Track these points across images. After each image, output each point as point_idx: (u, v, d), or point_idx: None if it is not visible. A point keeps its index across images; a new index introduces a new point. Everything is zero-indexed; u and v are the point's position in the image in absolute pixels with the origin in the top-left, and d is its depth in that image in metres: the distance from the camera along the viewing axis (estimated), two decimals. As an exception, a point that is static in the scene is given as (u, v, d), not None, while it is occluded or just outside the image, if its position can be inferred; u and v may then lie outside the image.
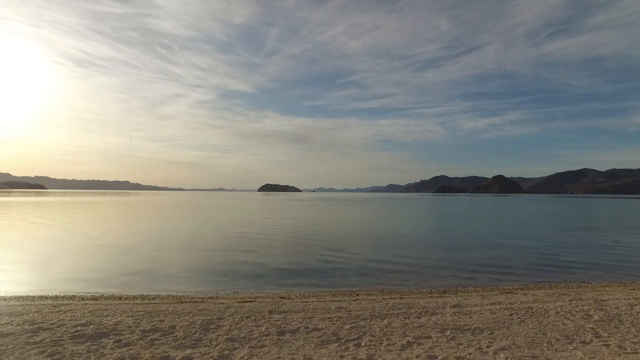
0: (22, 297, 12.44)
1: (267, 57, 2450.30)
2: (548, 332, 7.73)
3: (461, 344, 7.06)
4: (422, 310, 9.43)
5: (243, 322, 8.21)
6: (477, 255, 21.23)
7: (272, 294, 12.53)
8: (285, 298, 11.55)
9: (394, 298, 11.48)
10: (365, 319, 8.60)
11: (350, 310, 9.39)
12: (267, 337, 7.28)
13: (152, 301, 11.61)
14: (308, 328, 7.83)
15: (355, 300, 11.24)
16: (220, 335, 7.35)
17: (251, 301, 10.99)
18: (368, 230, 33.94)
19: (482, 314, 9.12)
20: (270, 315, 8.77)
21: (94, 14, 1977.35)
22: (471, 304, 10.21)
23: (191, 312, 9.22)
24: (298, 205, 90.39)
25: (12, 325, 8.13)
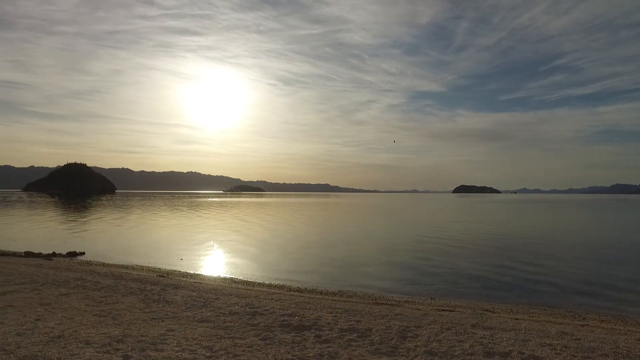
0: (245, 281, 14.54)
1: (456, 53, 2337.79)
2: None
3: None
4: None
5: (443, 334, 7.45)
6: None
7: (473, 305, 11.30)
8: (490, 311, 10.19)
9: (643, 330, 8.80)
10: (606, 355, 6.70)
11: (579, 339, 7.53)
12: (472, 358, 6.34)
13: (349, 299, 11.91)
14: (523, 354, 6.53)
15: (582, 325, 9.07)
16: (418, 346, 6.79)
17: (450, 310, 10.08)
18: (590, 239, 28.10)
19: None
20: (473, 330, 7.74)
21: (296, 38, 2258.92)
22: None
23: (387, 316, 8.95)
24: (497, 208, 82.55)
25: (238, 305, 9.36)
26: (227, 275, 15.64)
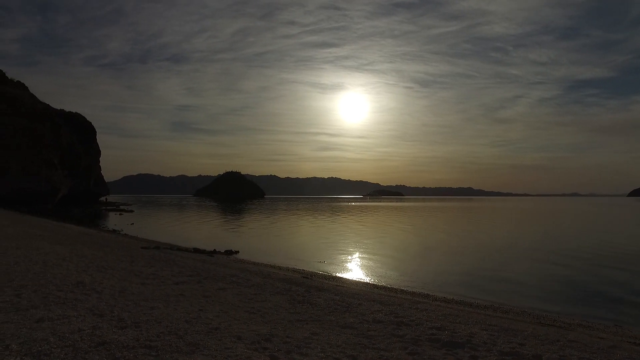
0: (386, 287, 14.05)
1: (631, 28, 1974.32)
2: None
3: None
4: None
5: (646, 378, 5.79)
6: None
7: (681, 339, 8.78)
8: None
9: None
10: None
11: None
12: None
13: (505, 315, 10.46)
14: None
15: None
16: (610, 387, 5.37)
17: (647, 343, 7.96)
18: None
19: None
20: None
21: (432, 38, 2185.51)
22: None
23: (558, 341, 7.44)
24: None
25: (382, 313, 8.91)
26: (368, 280, 15.38)
